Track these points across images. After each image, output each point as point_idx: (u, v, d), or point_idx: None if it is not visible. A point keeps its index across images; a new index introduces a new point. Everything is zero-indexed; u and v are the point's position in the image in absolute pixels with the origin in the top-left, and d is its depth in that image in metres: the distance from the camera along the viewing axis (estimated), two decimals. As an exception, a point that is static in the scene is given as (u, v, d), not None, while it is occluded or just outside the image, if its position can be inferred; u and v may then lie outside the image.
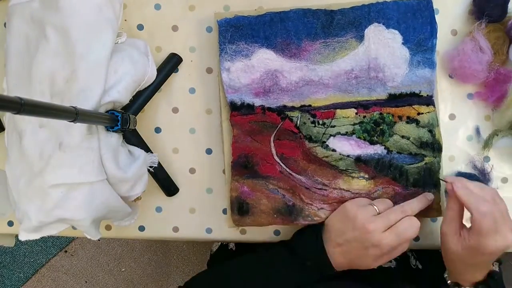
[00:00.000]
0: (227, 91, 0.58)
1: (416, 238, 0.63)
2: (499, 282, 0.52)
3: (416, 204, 0.54)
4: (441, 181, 0.56)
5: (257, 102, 0.58)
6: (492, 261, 0.50)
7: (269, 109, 0.58)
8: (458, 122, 0.62)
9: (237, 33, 0.57)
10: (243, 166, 0.58)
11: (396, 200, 0.57)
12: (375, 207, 0.52)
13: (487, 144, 0.60)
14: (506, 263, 1.44)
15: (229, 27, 0.57)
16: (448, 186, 0.51)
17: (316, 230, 0.55)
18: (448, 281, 0.54)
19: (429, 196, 0.55)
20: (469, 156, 0.62)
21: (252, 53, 0.57)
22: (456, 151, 0.62)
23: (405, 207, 0.52)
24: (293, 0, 0.60)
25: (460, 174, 0.61)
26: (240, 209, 0.59)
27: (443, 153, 0.58)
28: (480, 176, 0.61)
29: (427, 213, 0.57)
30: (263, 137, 0.58)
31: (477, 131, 0.61)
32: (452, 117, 0.62)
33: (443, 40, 0.60)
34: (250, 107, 0.58)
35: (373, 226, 0.49)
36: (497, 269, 0.53)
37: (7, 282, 1.51)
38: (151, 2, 0.63)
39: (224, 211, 0.64)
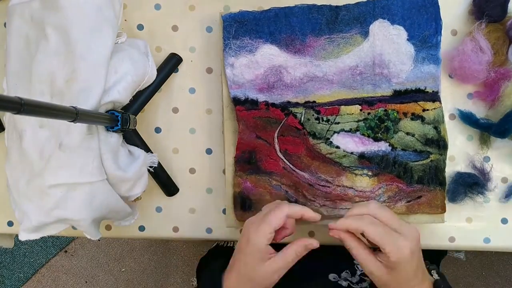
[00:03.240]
0: (230, 86, 0.58)
1: (416, 238, 0.63)
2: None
3: (298, 207, 0.51)
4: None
5: (261, 98, 0.58)
6: (421, 274, 0.47)
7: (273, 105, 0.58)
8: (458, 122, 0.62)
9: (241, 28, 0.57)
10: (247, 161, 0.58)
11: (400, 197, 0.57)
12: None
13: (484, 140, 0.60)
14: (506, 263, 1.45)
15: (233, 22, 0.57)
16: (334, 233, 0.48)
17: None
18: None
19: (317, 216, 0.52)
20: (469, 156, 0.62)
21: (257, 49, 0.57)
22: (456, 151, 0.62)
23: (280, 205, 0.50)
24: (293, 0, 0.60)
25: (460, 174, 0.61)
26: (243, 205, 0.59)
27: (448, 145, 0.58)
28: (480, 176, 0.61)
29: (431, 209, 0.57)
30: (267, 133, 0.58)
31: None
32: (452, 117, 0.62)
33: (443, 40, 0.60)
34: (254, 103, 0.58)
35: (252, 228, 0.49)
36: (437, 277, 0.50)
37: (7, 282, 1.51)
38: (151, 2, 0.63)
39: (224, 211, 0.64)
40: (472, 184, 0.60)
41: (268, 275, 0.48)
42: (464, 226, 0.63)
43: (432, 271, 0.51)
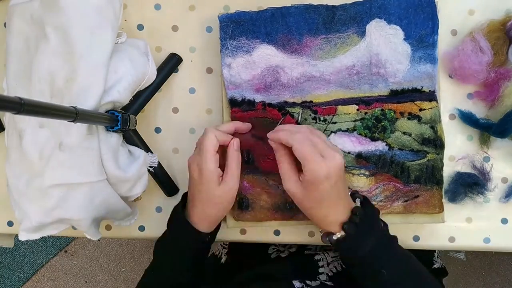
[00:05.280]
0: (227, 87, 0.58)
1: (416, 238, 0.63)
2: (365, 217, 0.49)
3: (226, 124, 0.56)
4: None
5: (258, 98, 0.58)
6: (334, 198, 0.49)
7: (270, 105, 0.58)
8: (458, 122, 0.62)
9: (238, 28, 0.57)
10: (244, 161, 0.58)
11: (397, 196, 0.57)
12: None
13: (484, 140, 0.60)
14: (506, 263, 1.45)
15: (230, 22, 0.57)
16: (271, 143, 0.51)
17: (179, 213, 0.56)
18: (320, 232, 0.53)
19: (247, 124, 0.57)
20: (469, 156, 0.62)
21: (253, 49, 0.57)
22: (456, 151, 0.62)
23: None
24: (293, 0, 0.60)
25: (460, 174, 0.61)
26: (240, 205, 0.59)
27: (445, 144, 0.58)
28: (480, 176, 0.61)
29: (428, 209, 0.57)
30: (264, 133, 0.58)
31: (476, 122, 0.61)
32: (452, 117, 0.62)
33: (443, 40, 0.60)
34: (251, 103, 0.58)
35: (192, 158, 0.54)
36: (358, 204, 0.51)
37: (7, 282, 1.51)
38: (151, 2, 0.63)
39: (224, 211, 0.64)
40: (472, 184, 0.60)
41: (225, 195, 0.53)
42: (464, 226, 0.63)
43: (356, 199, 0.52)
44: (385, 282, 0.48)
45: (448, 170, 0.61)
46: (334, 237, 0.49)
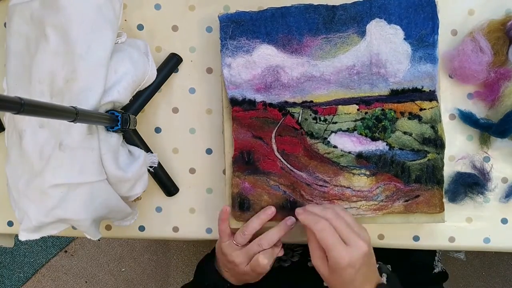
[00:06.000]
0: (228, 87, 0.58)
1: (416, 238, 0.63)
2: None
3: (275, 234, 0.56)
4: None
5: (259, 98, 0.58)
6: (359, 282, 0.48)
7: (271, 105, 0.58)
8: (458, 122, 0.62)
9: (238, 28, 0.57)
10: (245, 162, 0.58)
11: (397, 196, 0.57)
12: (233, 242, 0.57)
13: (484, 140, 0.60)
14: (506, 263, 1.45)
15: (230, 22, 0.57)
16: (301, 221, 0.52)
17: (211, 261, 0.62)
18: None
19: (289, 221, 0.57)
20: (469, 156, 0.62)
21: (254, 49, 0.57)
22: (456, 151, 0.62)
23: (262, 240, 0.56)
24: (293, 0, 0.60)
25: (460, 174, 0.61)
26: (241, 205, 0.59)
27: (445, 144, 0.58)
28: (480, 176, 0.61)
29: (429, 209, 0.57)
30: (264, 133, 0.58)
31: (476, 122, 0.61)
32: (452, 117, 0.62)
33: (443, 40, 0.60)
34: (251, 103, 0.58)
35: (237, 260, 0.56)
36: (384, 281, 0.51)
37: (7, 282, 1.51)
38: (151, 2, 0.63)
39: (224, 211, 0.64)
40: (472, 184, 0.60)
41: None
42: (464, 226, 0.63)
43: (383, 274, 0.52)
44: None
45: (448, 170, 0.61)
46: None
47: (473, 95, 0.61)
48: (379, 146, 0.57)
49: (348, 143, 0.58)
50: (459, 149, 0.62)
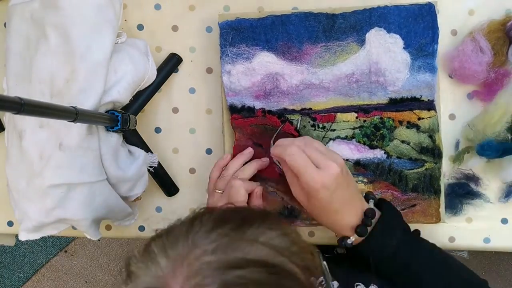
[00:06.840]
0: (227, 94, 0.58)
1: (416, 238, 0.63)
2: (386, 218, 0.49)
3: (249, 167, 0.56)
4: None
5: (258, 105, 0.58)
6: (338, 205, 0.48)
7: (270, 112, 0.58)
8: (458, 122, 0.62)
9: (238, 36, 0.57)
10: None
11: (395, 204, 0.57)
12: (216, 191, 0.57)
13: (458, 158, 0.59)
14: (506, 263, 1.44)
15: (230, 29, 0.57)
16: (273, 157, 0.52)
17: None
18: (336, 237, 0.53)
19: (264, 159, 0.58)
20: (466, 157, 0.61)
21: (253, 56, 0.57)
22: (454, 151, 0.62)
23: (238, 172, 0.56)
24: (293, 0, 0.60)
25: (451, 188, 0.60)
26: None
27: (443, 153, 0.58)
28: (468, 181, 0.60)
29: (425, 218, 0.58)
30: (263, 140, 0.58)
31: (457, 145, 0.61)
32: (452, 117, 0.62)
33: (443, 40, 0.60)
34: (250, 110, 0.58)
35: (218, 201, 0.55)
36: (372, 206, 0.50)
37: (7, 282, 1.51)
38: (151, 2, 0.63)
39: (224, 211, 0.64)
40: (465, 194, 0.60)
41: None
42: (464, 226, 0.62)
43: (370, 200, 0.52)
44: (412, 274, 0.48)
45: (449, 170, 0.61)
46: (349, 241, 0.49)
47: (473, 95, 0.61)
48: (377, 154, 0.58)
49: (346, 151, 0.58)
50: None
